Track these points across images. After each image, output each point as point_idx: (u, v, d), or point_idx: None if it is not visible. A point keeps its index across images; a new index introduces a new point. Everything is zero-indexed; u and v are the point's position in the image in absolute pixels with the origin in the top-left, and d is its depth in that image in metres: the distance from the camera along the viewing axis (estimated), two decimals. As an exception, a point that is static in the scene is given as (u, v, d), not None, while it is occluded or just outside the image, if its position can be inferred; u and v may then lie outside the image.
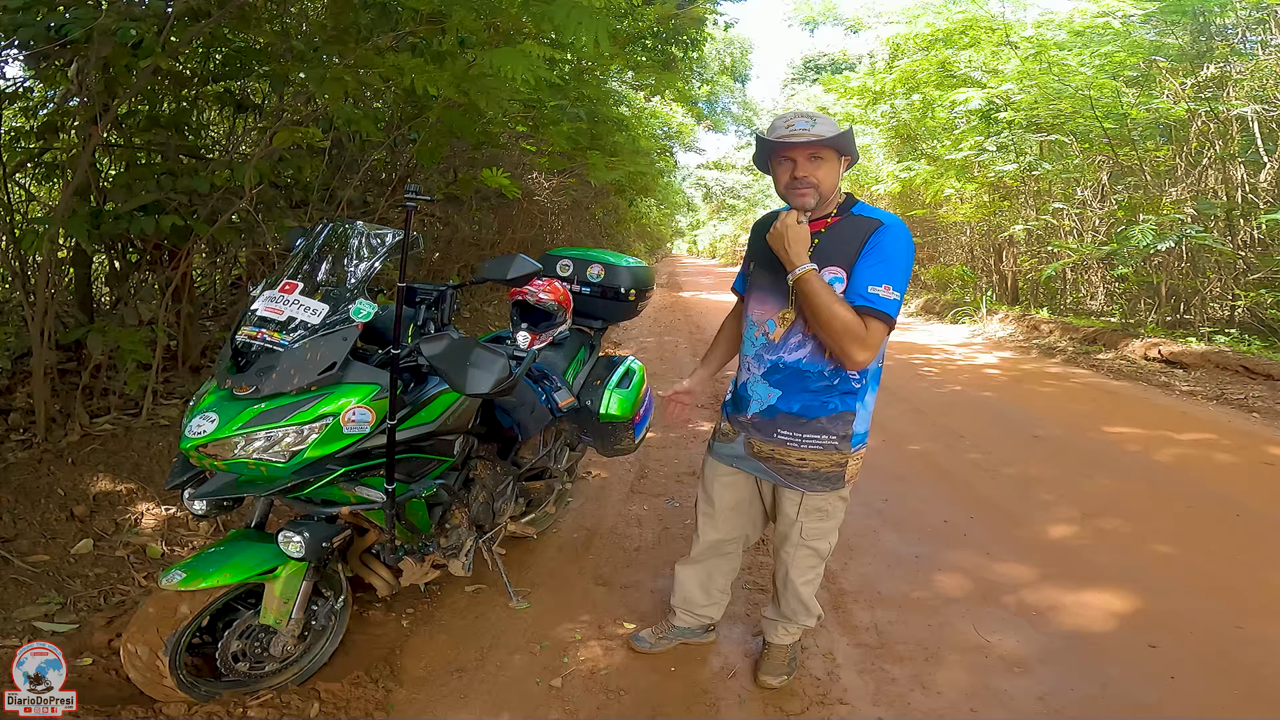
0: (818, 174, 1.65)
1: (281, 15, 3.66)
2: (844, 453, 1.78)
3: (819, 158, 1.65)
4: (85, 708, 1.72)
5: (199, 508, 1.80)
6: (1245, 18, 7.31)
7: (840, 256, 1.66)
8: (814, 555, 1.93)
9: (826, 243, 1.69)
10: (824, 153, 1.65)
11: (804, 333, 1.72)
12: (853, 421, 1.77)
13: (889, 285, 1.60)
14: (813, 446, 1.77)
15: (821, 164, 1.65)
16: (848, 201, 1.75)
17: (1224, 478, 3.78)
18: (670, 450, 4.09)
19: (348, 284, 1.84)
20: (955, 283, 12.17)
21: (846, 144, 1.66)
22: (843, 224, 1.70)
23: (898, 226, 1.67)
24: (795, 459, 1.79)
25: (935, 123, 11.26)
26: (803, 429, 1.76)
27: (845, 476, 1.81)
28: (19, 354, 3.15)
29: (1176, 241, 7.11)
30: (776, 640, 2.08)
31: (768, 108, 25.88)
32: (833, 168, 1.67)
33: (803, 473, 1.80)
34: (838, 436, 1.76)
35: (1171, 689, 2.06)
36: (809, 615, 2.02)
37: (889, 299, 1.61)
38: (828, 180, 1.67)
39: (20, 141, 3.03)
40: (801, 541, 1.89)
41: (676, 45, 7.60)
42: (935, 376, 6.57)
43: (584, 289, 2.82)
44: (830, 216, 1.72)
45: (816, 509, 1.85)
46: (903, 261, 1.64)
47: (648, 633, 2.23)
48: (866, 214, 1.71)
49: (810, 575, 1.96)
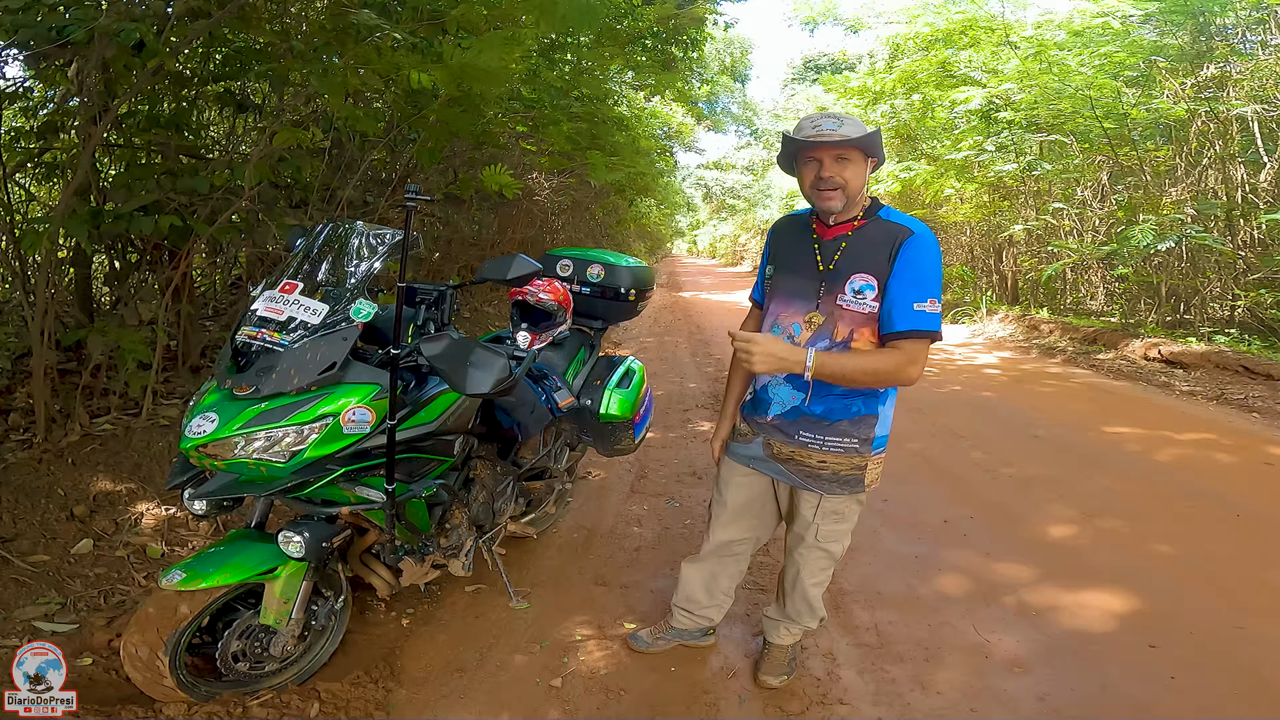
0: (844, 175, 1.64)
1: (281, 15, 3.66)
2: (865, 456, 1.78)
3: (845, 159, 1.64)
4: (85, 708, 1.73)
5: (199, 508, 1.80)
6: (1245, 18, 7.31)
7: (870, 262, 1.65)
8: (827, 557, 1.93)
9: (855, 246, 1.68)
10: (850, 154, 1.64)
11: (831, 338, 1.69)
12: (875, 425, 1.76)
13: (932, 299, 1.60)
14: (834, 449, 1.76)
15: (848, 165, 1.64)
16: (874, 205, 1.73)
17: (1224, 478, 3.78)
18: (670, 450, 4.09)
19: (347, 284, 1.84)
20: (955, 283, 12.17)
21: (873, 145, 1.65)
22: (870, 228, 1.69)
23: (928, 236, 1.65)
24: (815, 461, 1.78)
25: (935, 123, 11.26)
26: (825, 431, 1.75)
27: (865, 480, 1.80)
28: (19, 354, 3.15)
29: (1176, 241, 7.11)
30: (778, 641, 2.08)
31: (768, 108, 25.89)
32: (859, 169, 1.65)
33: (822, 475, 1.79)
34: (859, 439, 1.76)
35: (1171, 689, 2.06)
36: (813, 617, 2.02)
37: (933, 314, 1.60)
38: (855, 181, 1.65)
39: (20, 141, 3.03)
40: (816, 544, 1.89)
41: (676, 45, 7.60)
42: (935, 376, 6.57)
43: (584, 289, 2.82)
44: (857, 219, 1.70)
45: (833, 512, 1.85)
46: (938, 272, 1.64)
47: (646, 633, 2.23)
48: (894, 219, 1.69)
49: (821, 577, 1.97)
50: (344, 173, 4.40)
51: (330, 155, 4.24)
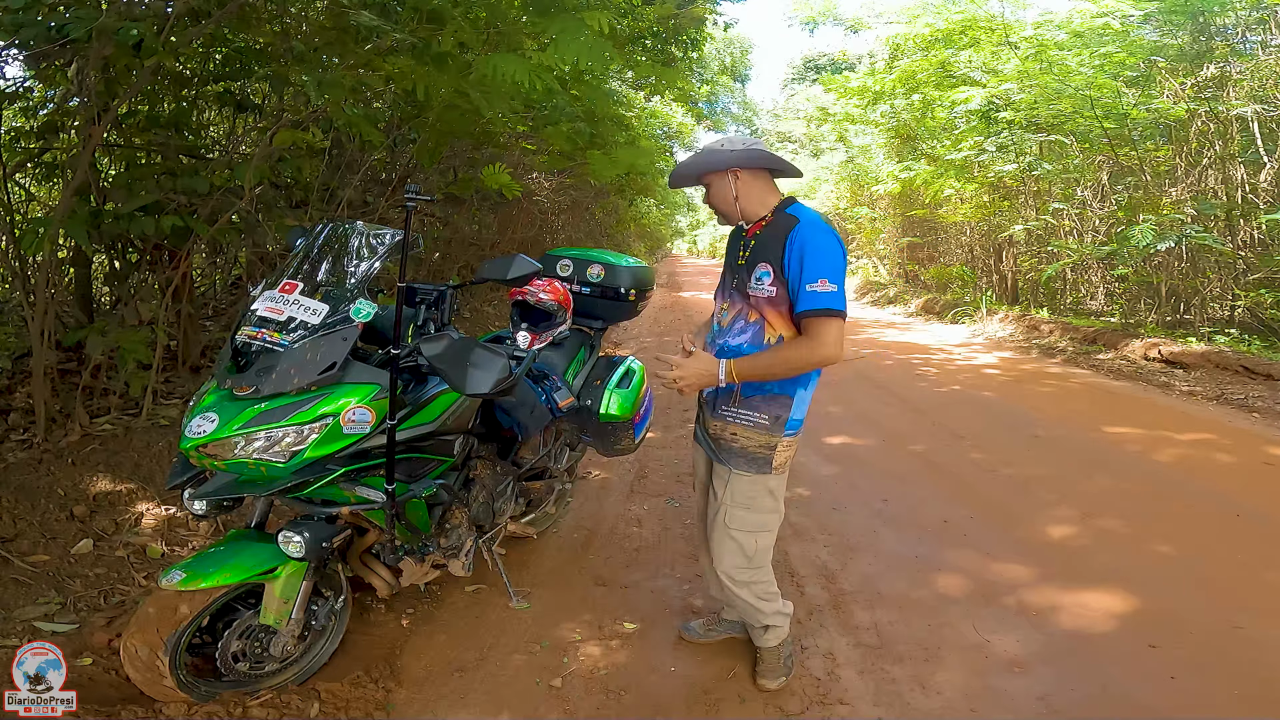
0: (712, 200, 1.89)
1: (281, 16, 3.66)
2: (775, 435, 1.84)
3: (706, 185, 1.89)
4: (85, 708, 1.72)
5: (199, 508, 1.80)
6: (1245, 18, 7.31)
7: (768, 252, 1.80)
8: (736, 549, 1.90)
9: (761, 240, 1.83)
10: (707, 179, 1.87)
11: (746, 320, 1.84)
12: (789, 406, 1.84)
13: (825, 279, 1.69)
14: (744, 423, 1.85)
15: (711, 189, 1.88)
16: (784, 203, 1.87)
17: (1224, 478, 3.78)
18: (670, 450, 4.09)
19: (347, 284, 1.84)
20: (955, 283, 12.16)
21: (707, 165, 1.84)
22: (774, 223, 1.84)
23: (815, 224, 1.77)
24: (729, 433, 1.88)
25: (935, 123, 11.25)
26: (740, 405, 1.86)
27: (774, 462, 1.85)
28: (19, 354, 3.15)
29: (1176, 241, 7.10)
30: (761, 643, 2.07)
31: (768, 108, 25.92)
32: (718, 189, 1.86)
33: (733, 448, 1.87)
34: (770, 417, 1.83)
35: (1171, 689, 2.06)
36: (770, 613, 1.99)
37: (827, 293, 1.69)
38: (718, 197, 1.87)
39: (20, 141, 3.04)
40: (726, 527, 1.90)
41: (676, 45, 7.60)
42: (935, 376, 6.57)
43: (584, 289, 2.82)
44: (766, 219, 1.86)
45: (743, 494, 1.88)
46: (829, 253, 1.72)
47: (699, 624, 2.28)
48: (791, 212, 1.83)
49: (740, 575, 1.92)
50: (344, 173, 4.41)
51: (330, 155, 4.25)
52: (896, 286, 14.64)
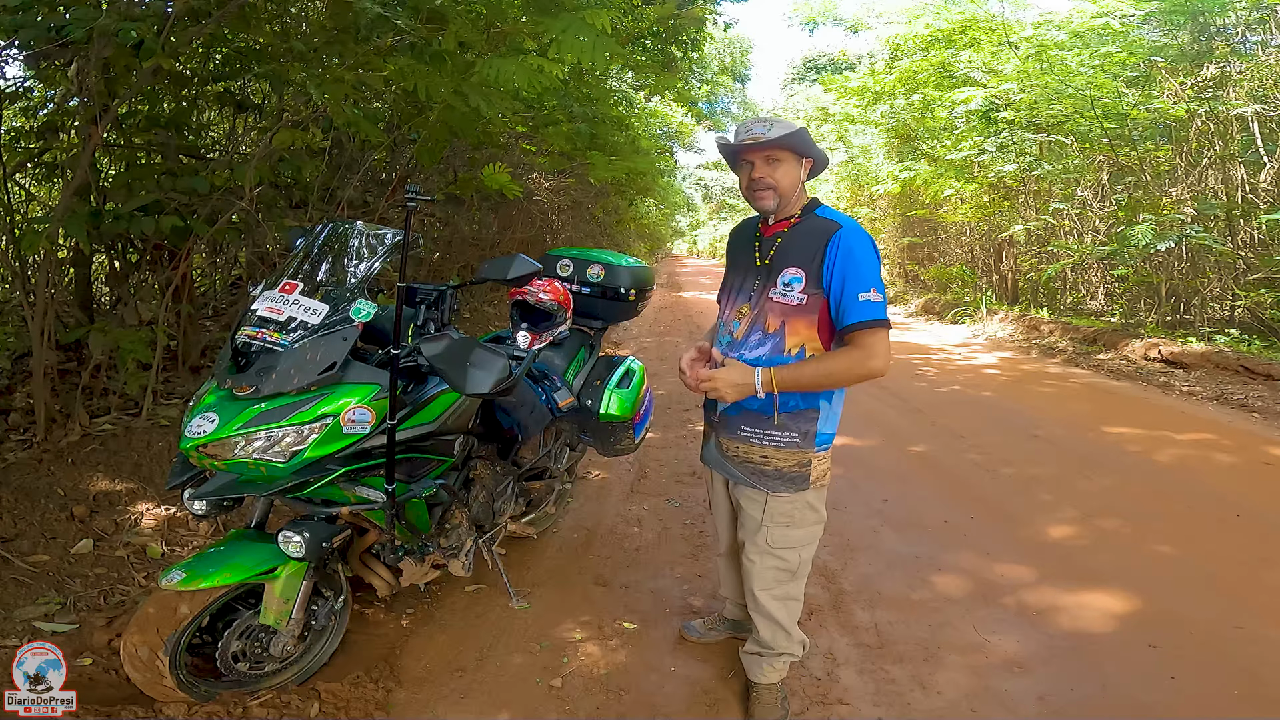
0: (775, 175, 1.70)
1: (281, 15, 3.66)
2: (807, 451, 1.75)
3: (776, 160, 1.71)
4: (85, 708, 1.72)
5: (199, 508, 1.80)
6: (1245, 18, 7.31)
7: (800, 257, 1.70)
8: (782, 567, 1.83)
9: (788, 242, 1.74)
10: (780, 154, 1.70)
11: (764, 330, 1.74)
12: (816, 419, 1.75)
13: (874, 289, 1.63)
14: (775, 443, 1.75)
15: (779, 165, 1.71)
16: (811, 204, 1.79)
17: (1224, 478, 3.78)
18: (670, 450, 4.09)
19: (347, 284, 1.84)
20: (955, 283, 12.16)
21: (800, 144, 1.69)
22: (804, 225, 1.74)
23: (858, 230, 1.70)
24: (758, 456, 1.78)
25: (935, 123, 11.26)
26: (764, 425, 1.76)
27: (810, 478, 1.77)
28: (19, 354, 3.15)
29: (1176, 241, 7.11)
30: (761, 679, 1.93)
31: (767, 108, 25.90)
32: (790, 169, 1.71)
33: (766, 471, 1.78)
34: (799, 434, 1.74)
35: (1171, 689, 2.06)
36: (790, 641, 1.90)
37: (877, 303, 1.63)
38: (785, 181, 1.71)
39: (20, 141, 3.03)
40: (768, 548, 1.81)
41: (676, 45, 7.59)
42: (935, 376, 6.57)
43: (584, 289, 2.82)
44: (794, 218, 1.77)
45: (783, 514, 1.79)
46: (874, 261, 1.68)
47: (700, 623, 2.27)
48: (826, 216, 1.74)
49: (778, 590, 1.85)
50: (344, 173, 4.41)
51: (330, 155, 4.25)
52: (896, 286, 14.64)
